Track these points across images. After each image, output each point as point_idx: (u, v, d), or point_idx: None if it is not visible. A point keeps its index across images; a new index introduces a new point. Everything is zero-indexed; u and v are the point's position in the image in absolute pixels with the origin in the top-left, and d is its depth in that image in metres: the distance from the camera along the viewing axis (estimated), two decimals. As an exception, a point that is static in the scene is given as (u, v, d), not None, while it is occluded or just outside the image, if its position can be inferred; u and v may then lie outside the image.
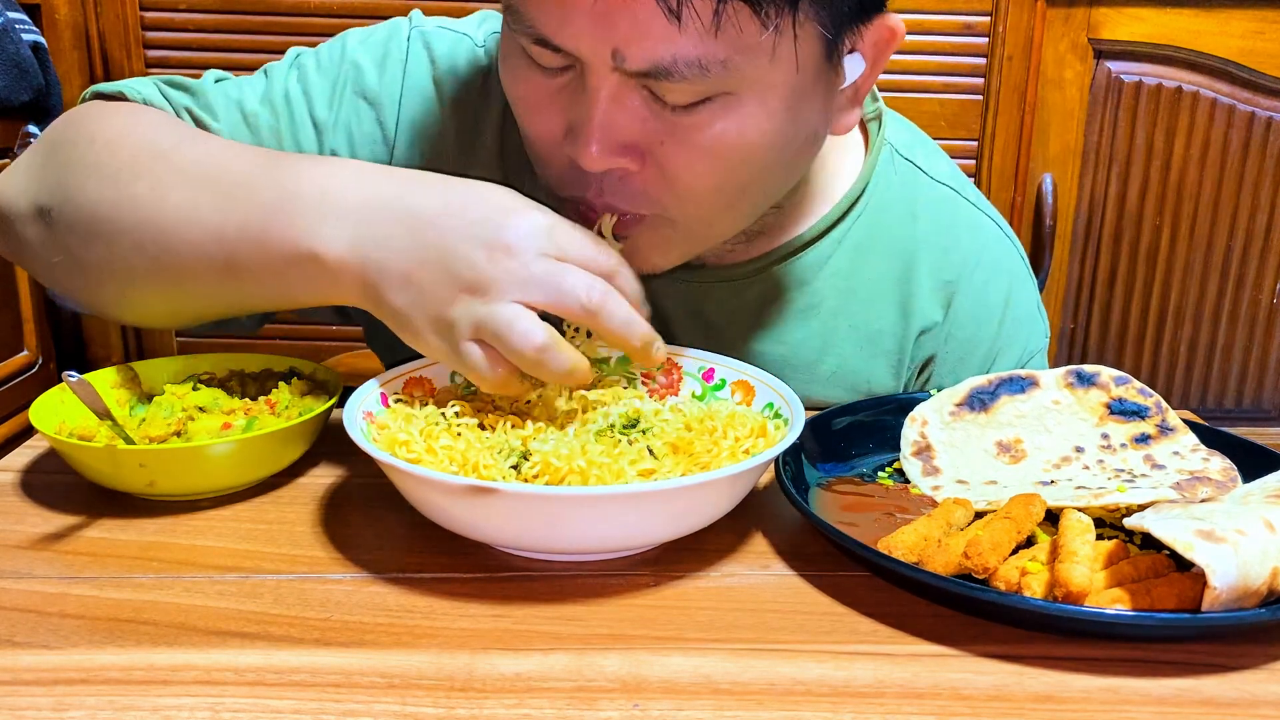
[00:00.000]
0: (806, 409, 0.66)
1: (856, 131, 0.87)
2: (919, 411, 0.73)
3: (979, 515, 0.62)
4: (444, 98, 0.83)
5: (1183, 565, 0.54)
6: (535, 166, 0.74)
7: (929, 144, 0.92)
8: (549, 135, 0.68)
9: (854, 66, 0.70)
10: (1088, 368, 0.74)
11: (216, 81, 0.83)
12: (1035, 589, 0.54)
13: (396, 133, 0.83)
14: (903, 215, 0.86)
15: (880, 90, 0.88)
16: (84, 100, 0.80)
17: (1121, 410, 0.72)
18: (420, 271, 0.61)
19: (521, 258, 0.60)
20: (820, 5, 0.63)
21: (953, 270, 0.87)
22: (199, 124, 0.79)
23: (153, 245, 0.67)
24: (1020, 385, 0.74)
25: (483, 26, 0.87)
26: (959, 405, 0.73)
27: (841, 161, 0.86)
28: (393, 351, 0.88)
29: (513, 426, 0.66)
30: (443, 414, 0.65)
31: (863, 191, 0.85)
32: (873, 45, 0.70)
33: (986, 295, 0.88)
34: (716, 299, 0.85)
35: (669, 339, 0.80)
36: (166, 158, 0.69)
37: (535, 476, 0.60)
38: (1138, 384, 0.73)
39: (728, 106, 0.64)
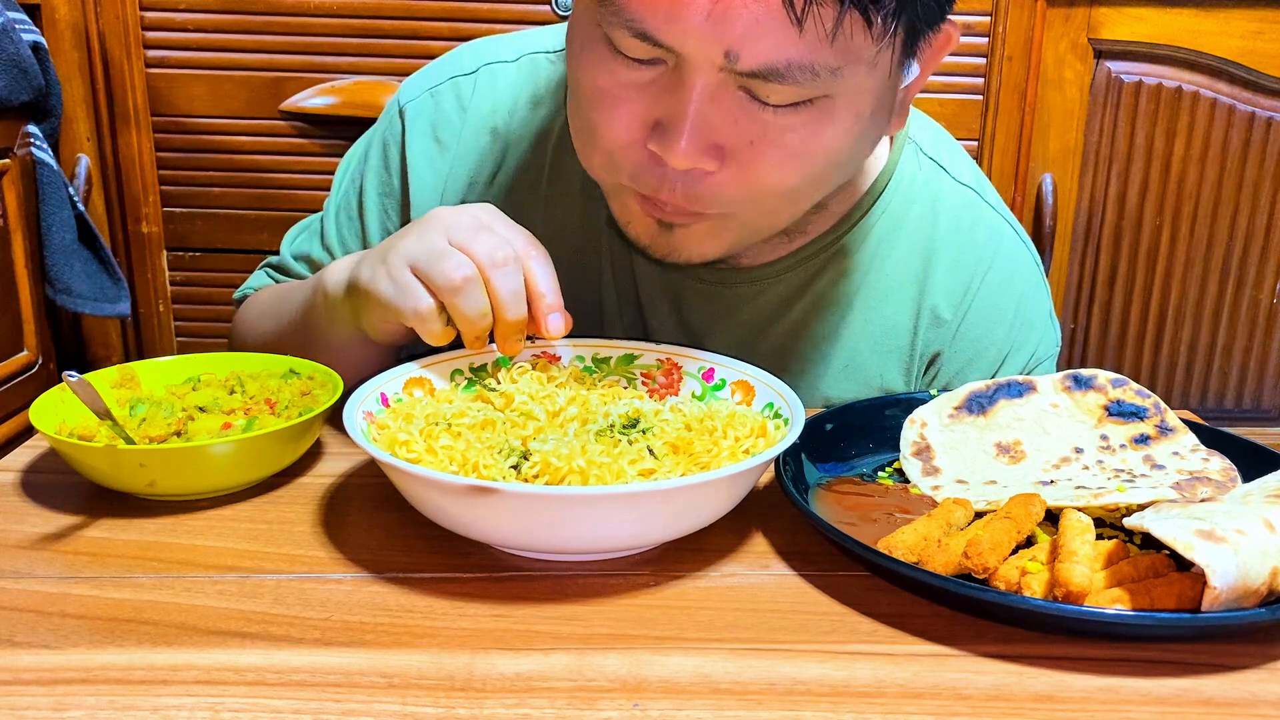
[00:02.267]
0: (815, 404, 0.67)
1: None
2: (918, 414, 0.74)
3: (979, 515, 0.62)
4: (444, 148, 0.89)
5: (1183, 565, 0.54)
6: (585, 157, 0.74)
7: (953, 145, 0.93)
8: (626, 130, 0.68)
9: (910, 70, 0.71)
10: (1084, 371, 0.75)
11: (295, 257, 0.98)
12: (1035, 589, 0.54)
13: (414, 200, 0.90)
14: (924, 213, 0.87)
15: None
16: (236, 301, 1.01)
17: (1120, 412, 0.72)
18: (383, 257, 0.70)
19: (459, 219, 0.69)
20: (914, 15, 0.64)
21: (968, 270, 0.87)
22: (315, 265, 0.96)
23: (288, 339, 0.86)
24: (1018, 390, 0.74)
25: (470, 53, 0.91)
26: (957, 408, 0.74)
27: (869, 158, 0.86)
28: None
29: (512, 426, 0.66)
30: (444, 416, 0.65)
31: (885, 187, 0.86)
32: (931, 50, 0.71)
33: (1000, 298, 0.88)
34: (742, 298, 0.86)
35: (685, 329, 0.80)
36: (274, 302, 0.93)
37: (535, 476, 0.60)
38: (1135, 385, 0.73)
39: (823, 110, 0.65)
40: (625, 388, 0.73)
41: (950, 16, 0.70)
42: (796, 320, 0.87)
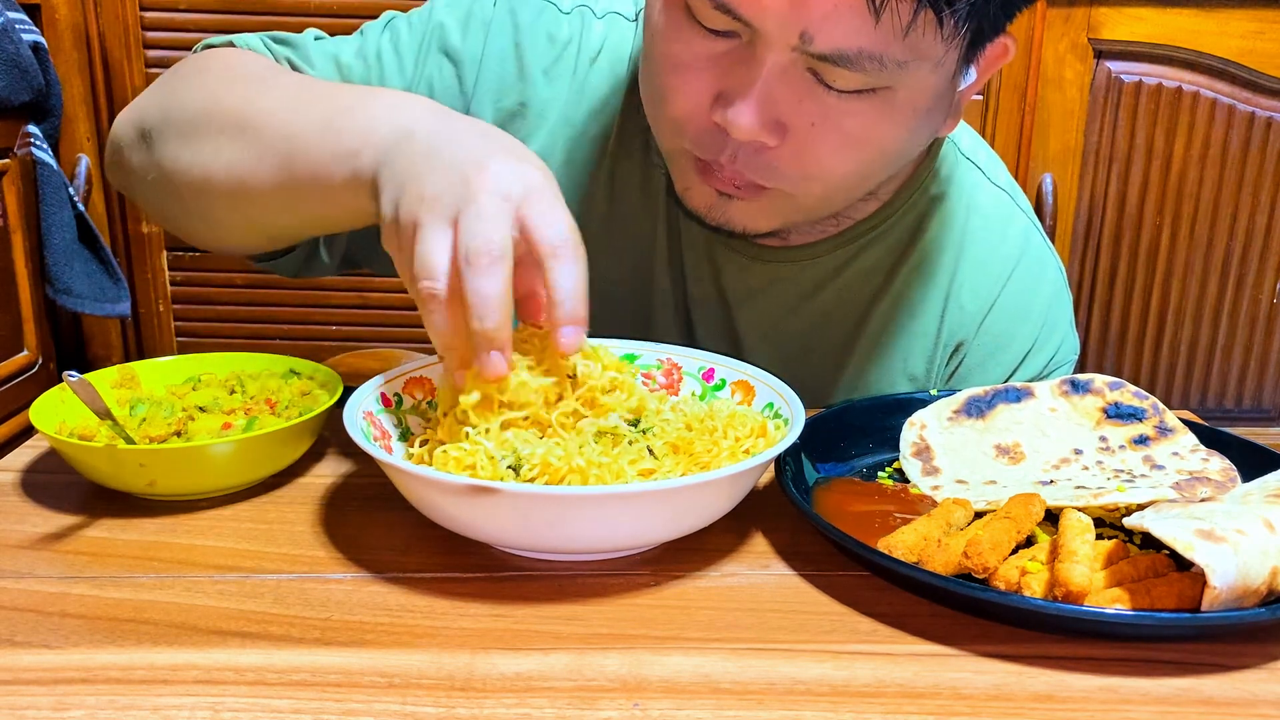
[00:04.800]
0: (838, 384, 0.67)
1: None
2: (917, 416, 0.74)
3: (979, 515, 0.62)
4: (522, 64, 0.87)
5: (1182, 565, 0.55)
6: (652, 119, 0.76)
7: (990, 150, 0.96)
8: (695, 96, 0.70)
9: (967, 75, 0.74)
10: (1081, 376, 0.75)
11: (315, 39, 0.89)
12: (1035, 589, 0.54)
13: (474, 92, 0.86)
14: (958, 208, 0.89)
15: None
16: (196, 51, 0.86)
17: (1118, 414, 0.72)
18: (427, 156, 0.60)
19: (533, 179, 0.59)
20: (982, 20, 0.66)
21: (997, 266, 0.89)
22: (297, 71, 0.84)
23: (230, 146, 0.71)
24: (1015, 396, 0.75)
25: None
26: (956, 412, 0.74)
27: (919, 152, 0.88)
28: None
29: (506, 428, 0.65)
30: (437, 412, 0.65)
31: (924, 181, 0.88)
32: (986, 58, 0.73)
33: (1026, 297, 0.90)
34: (778, 275, 0.88)
35: (721, 299, 0.84)
36: (262, 80, 0.76)
37: (535, 477, 0.60)
38: (1132, 388, 0.74)
39: (884, 100, 0.68)
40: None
41: (1009, 29, 0.72)
42: (828, 301, 0.88)
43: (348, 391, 0.67)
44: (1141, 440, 0.70)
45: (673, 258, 0.89)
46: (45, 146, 1.64)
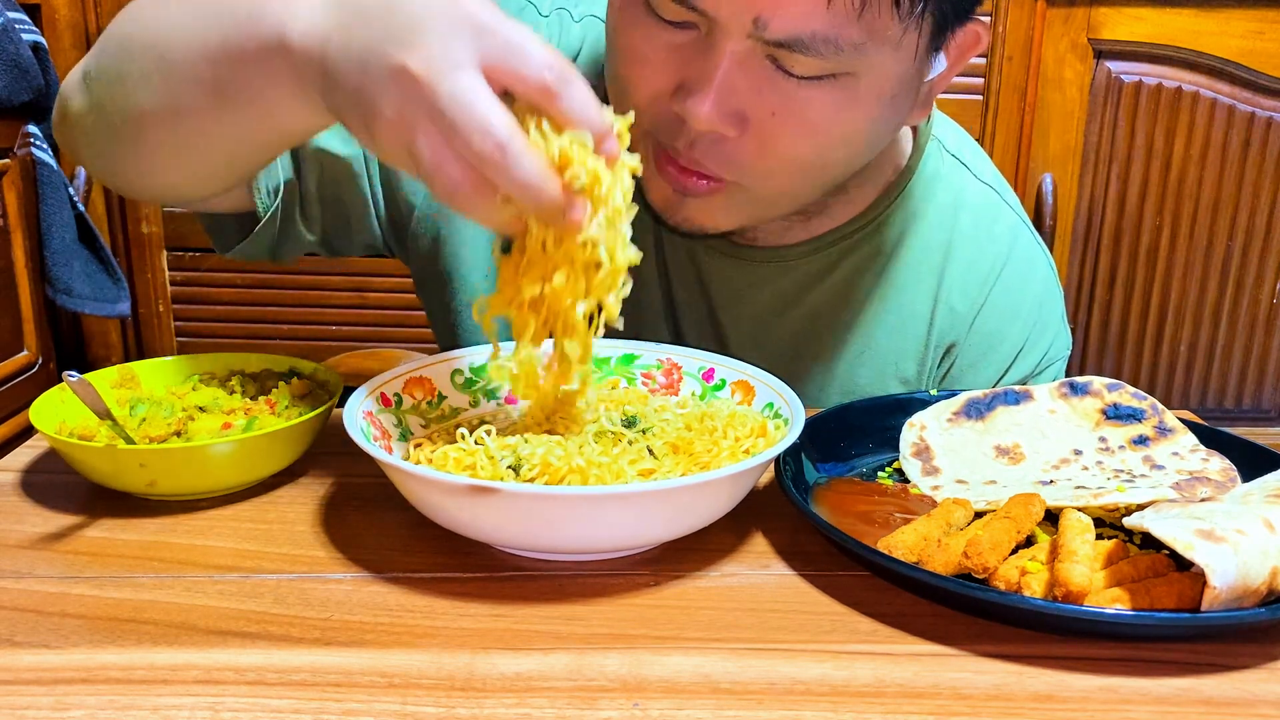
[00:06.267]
0: (830, 388, 0.66)
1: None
2: (917, 418, 0.74)
3: (979, 515, 0.62)
4: None
5: (1182, 565, 0.55)
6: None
7: (976, 147, 0.95)
8: (654, 88, 0.70)
9: (937, 64, 0.73)
10: (1079, 379, 0.75)
11: None
12: (1035, 589, 0.54)
13: None
14: (945, 206, 0.89)
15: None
16: None
17: (1117, 415, 0.73)
18: (374, 49, 0.53)
19: (477, 20, 0.53)
20: (943, 3, 0.66)
21: (986, 265, 0.89)
22: None
23: (156, 73, 0.65)
24: (1014, 398, 0.75)
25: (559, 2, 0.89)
26: (956, 414, 0.74)
27: (892, 150, 0.88)
28: (445, 311, 0.91)
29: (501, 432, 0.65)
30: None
31: (909, 181, 0.87)
32: (957, 46, 0.73)
33: (1016, 295, 0.90)
34: (763, 276, 0.87)
35: (707, 302, 0.82)
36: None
37: (535, 477, 0.60)
38: (1131, 389, 0.74)
39: (846, 87, 0.67)
40: (625, 387, 0.73)
41: (979, 16, 0.72)
42: (816, 304, 0.88)
43: (348, 391, 0.67)
44: (1141, 440, 0.70)
45: (658, 260, 0.89)
46: (45, 146, 1.64)
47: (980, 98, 1.83)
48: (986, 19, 0.73)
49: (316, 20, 0.57)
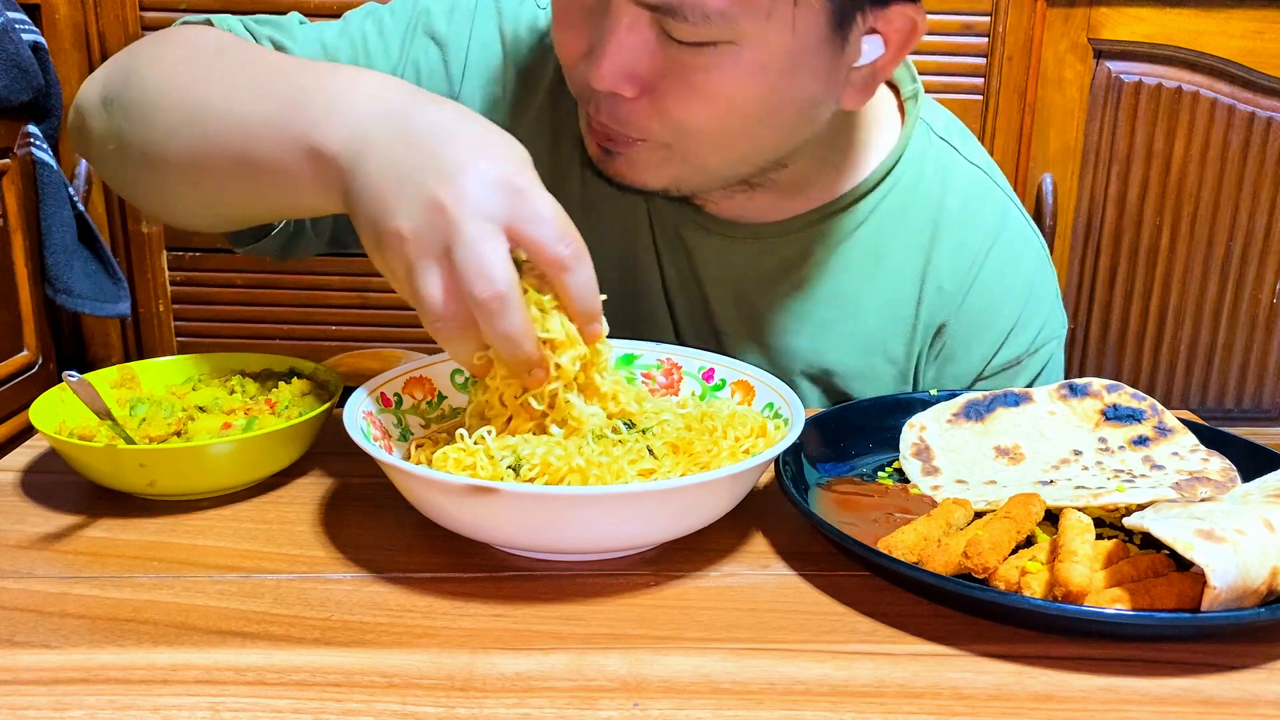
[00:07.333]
0: (820, 366, 0.66)
1: (894, 108, 0.91)
2: (917, 419, 0.74)
3: (979, 515, 0.62)
4: (506, 52, 0.89)
5: (1182, 565, 0.55)
6: (565, 75, 0.79)
7: (965, 130, 0.95)
8: (573, 50, 0.74)
9: (872, 48, 0.74)
10: (1078, 380, 0.76)
11: (300, 23, 0.88)
12: (1035, 589, 0.54)
13: (463, 79, 0.88)
14: (933, 188, 0.89)
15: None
16: (175, 26, 0.84)
17: (1117, 415, 0.73)
18: (414, 177, 0.57)
19: (514, 183, 0.58)
20: None
21: (974, 244, 0.89)
22: (279, 49, 0.83)
23: (185, 129, 0.69)
24: (1014, 400, 0.75)
25: None
26: (955, 415, 0.74)
27: (879, 133, 0.88)
28: None
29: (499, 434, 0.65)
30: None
31: (897, 162, 0.88)
32: (896, 31, 0.74)
33: (1006, 273, 0.89)
34: (748, 254, 0.88)
35: (694, 277, 0.83)
36: (223, 54, 0.73)
37: (535, 477, 0.60)
38: (1130, 390, 0.74)
39: (726, 55, 0.69)
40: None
41: (910, 2, 0.73)
42: (801, 281, 0.88)
43: (348, 391, 0.67)
44: (1141, 441, 0.71)
45: (653, 237, 0.90)
46: (45, 146, 1.63)
47: (980, 98, 1.83)
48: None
49: (358, 134, 0.60)
